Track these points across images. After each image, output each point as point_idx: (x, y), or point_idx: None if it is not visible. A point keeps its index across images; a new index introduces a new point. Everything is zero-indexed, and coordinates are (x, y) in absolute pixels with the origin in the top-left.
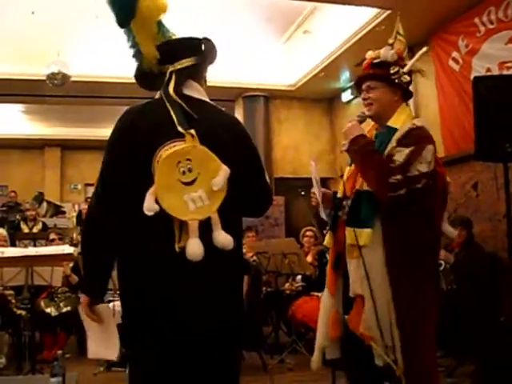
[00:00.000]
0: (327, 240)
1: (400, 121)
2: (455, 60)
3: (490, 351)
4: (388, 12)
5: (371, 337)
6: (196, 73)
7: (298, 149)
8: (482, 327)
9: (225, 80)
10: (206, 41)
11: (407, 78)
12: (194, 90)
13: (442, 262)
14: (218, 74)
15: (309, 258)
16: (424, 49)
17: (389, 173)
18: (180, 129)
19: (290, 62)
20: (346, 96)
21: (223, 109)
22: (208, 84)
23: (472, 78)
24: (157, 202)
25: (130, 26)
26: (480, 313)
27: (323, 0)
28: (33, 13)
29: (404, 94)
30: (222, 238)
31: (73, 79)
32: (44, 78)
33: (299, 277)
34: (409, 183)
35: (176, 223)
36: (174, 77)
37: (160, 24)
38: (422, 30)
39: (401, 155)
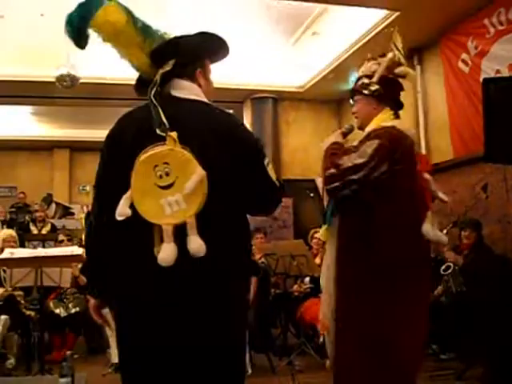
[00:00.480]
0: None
1: (372, 125)
2: (464, 62)
3: (499, 353)
4: (397, 13)
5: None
6: (184, 72)
7: (307, 151)
8: (492, 329)
9: (233, 81)
10: (200, 36)
11: (376, 86)
12: (183, 90)
13: (451, 264)
14: (226, 76)
15: (317, 260)
16: (390, 54)
17: (326, 168)
18: (159, 131)
19: (298, 63)
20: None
21: (225, 109)
22: (216, 85)
23: (481, 79)
24: (134, 206)
25: (113, 44)
26: (490, 315)
27: (332, 2)
28: (42, 15)
29: (386, 101)
30: (193, 244)
31: (82, 81)
32: (53, 79)
33: (307, 279)
34: (342, 176)
35: (155, 228)
36: (158, 79)
37: (144, 30)
38: (431, 31)
39: (352, 157)
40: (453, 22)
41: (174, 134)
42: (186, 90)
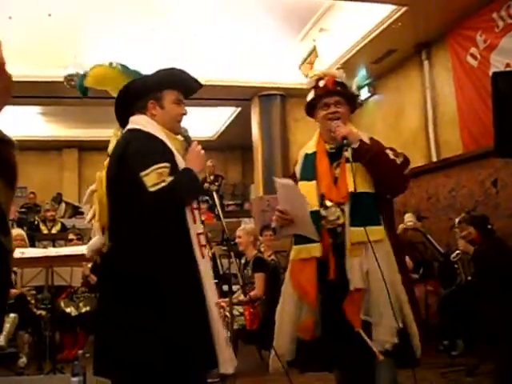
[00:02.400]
0: (317, 250)
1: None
2: (473, 56)
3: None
4: (404, 9)
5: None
6: (136, 107)
7: None
8: (502, 323)
9: (241, 79)
10: (157, 72)
11: (360, 99)
12: (130, 123)
13: (460, 252)
14: (234, 73)
15: None
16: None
17: (401, 167)
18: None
19: None
20: (363, 94)
21: (232, 106)
22: (224, 83)
23: (490, 73)
24: None
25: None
26: (500, 309)
27: None
28: (50, 15)
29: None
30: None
31: None
32: (61, 79)
33: None
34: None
35: None
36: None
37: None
38: (439, 25)
39: (391, 155)
40: (461, 17)
41: (106, 162)
42: (130, 123)
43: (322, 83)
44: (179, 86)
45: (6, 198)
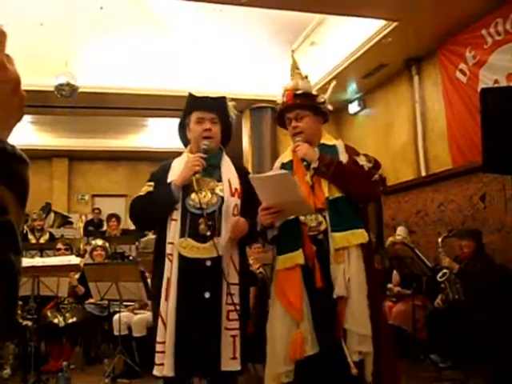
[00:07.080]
0: (300, 258)
1: (329, 139)
2: (462, 72)
3: (500, 364)
4: (395, 24)
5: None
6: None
7: None
8: (492, 339)
9: (232, 92)
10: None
11: (330, 107)
12: None
13: (447, 270)
14: (225, 86)
15: None
16: (333, 83)
17: (369, 175)
18: None
19: None
20: (353, 108)
21: None
22: (216, 96)
23: (479, 89)
24: None
25: None
26: (489, 325)
27: (330, 12)
28: (41, 25)
29: (324, 118)
30: None
31: (80, 90)
32: (52, 89)
33: None
34: (379, 182)
35: None
36: None
37: None
38: (429, 41)
39: (362, 160)
40: (450, 33)
41: None
42: None
43: (283, 99)
44: (195, 105)
45: (17, 215)
